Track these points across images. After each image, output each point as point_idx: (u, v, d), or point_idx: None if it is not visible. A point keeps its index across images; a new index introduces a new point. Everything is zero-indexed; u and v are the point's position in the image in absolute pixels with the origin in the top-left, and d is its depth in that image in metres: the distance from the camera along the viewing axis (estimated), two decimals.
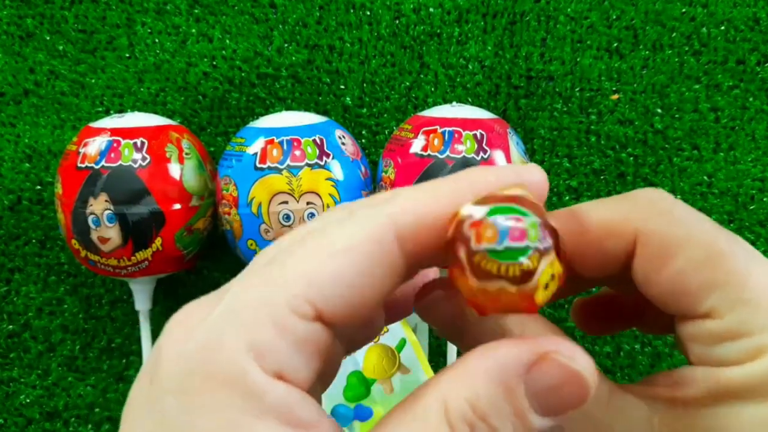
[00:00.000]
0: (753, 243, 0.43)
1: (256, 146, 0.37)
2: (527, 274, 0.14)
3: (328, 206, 0.37)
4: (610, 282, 0.20)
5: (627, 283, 0.18)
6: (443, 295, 0.18)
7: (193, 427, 0.13)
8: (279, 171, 0.36)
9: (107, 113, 0.46)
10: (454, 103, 0.42)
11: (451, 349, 0.43)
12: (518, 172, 0.16)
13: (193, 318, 0.15)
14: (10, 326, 0.45)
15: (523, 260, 0.14)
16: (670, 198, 0.19)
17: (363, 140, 0.45)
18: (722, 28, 0.44)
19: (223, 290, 0.15)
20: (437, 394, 0.14)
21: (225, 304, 0.14)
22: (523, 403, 0.14)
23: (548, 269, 0.14)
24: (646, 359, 0.45)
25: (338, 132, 0.39)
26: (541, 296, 0.14)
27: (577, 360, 0.15)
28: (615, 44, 0.45)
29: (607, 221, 0.17)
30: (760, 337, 0.15)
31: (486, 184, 0.16)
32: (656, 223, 0.17)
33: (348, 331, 0.16)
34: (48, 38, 0.47)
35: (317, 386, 0.17)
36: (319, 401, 0.18)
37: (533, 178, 0.16)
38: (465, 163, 0.36)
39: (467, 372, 0.15)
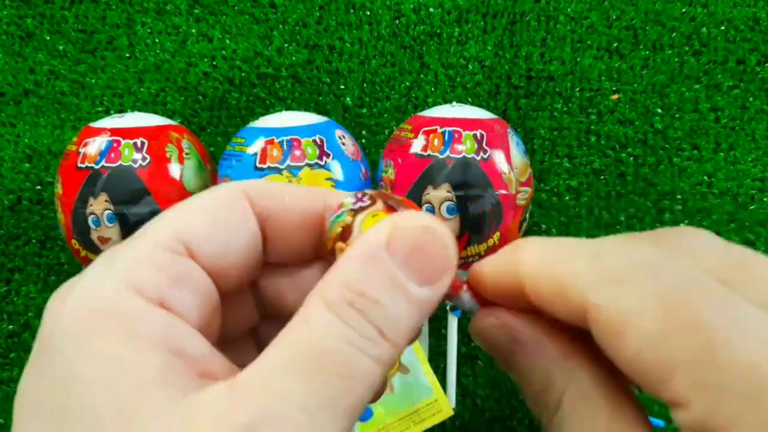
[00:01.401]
0: (753, 243, 0.43)
1: (256, 146, 0.37)
2: (346, 230, 0.17)
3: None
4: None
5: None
6: (497, 324, 0.18)
7: (86, 357, 0.14)
8: (279, 171, 0.36)
9: (107, 113, 0.46)
10: (454, 103, 0.42)
11: (451, 350, 0.43)
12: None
13: (69, 283, 0.16)
14: (10, 326, 0.45)
15: (339, 220, 0.18)
16: (622, 245, 0.16)
17: (363, 140, 0.45)
18: (722, 28, 0.44)
19: (99, 258, 0.17)
20: (314, 296, 0.15)
21: (100, 259, 0.16)
22: (393, 269, 0.15)
23: (369, 220, 0.17)
24: None
25: (338, 132, 0.39)
26: None
27: (430, 220, 0.16)
28: (615, 44, 0.45)
29: (547, 285, 0.16)
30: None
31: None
32: (604, 293, 0.14)
33: (228, 285, 0.18)
34: (48, 38, 0.47)
35: (211, 334, 0.17)
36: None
37: None
38: (465, 163, 0.36)
39: (337, 266, 0.16)
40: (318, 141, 0.38)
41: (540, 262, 0.16)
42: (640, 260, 0.15)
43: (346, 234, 0.17)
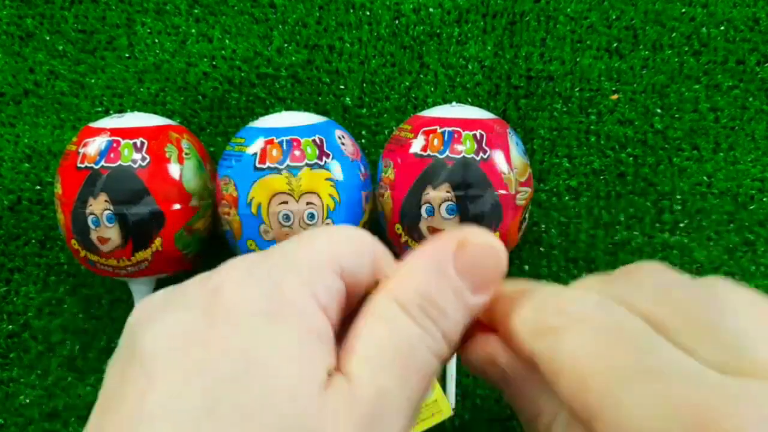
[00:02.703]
0: (753, 243, 0.43)
1: (255, 146, 0.37)
2: None
3: (327, 206, 0.37)
4: None
5: None
6: (486, 358, 0.20)
7: (269, 340, 0.16)
8: (279, 171, 0.36)
9: (107, 113, 0.46)
10: (453, 103, 0.42)
11: None
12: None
13: (249, 263, 0.18)
14: (10, 326, 0.45)
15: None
16: (566, 293, 0.18)
17: (363, 140, 0.45)
18: (722, 28, 0.44)
19: (266, 254, 0.19)
20: (387, 297, 0.18)
21: (280, 259, 0.18)
22: (457, 283, 0.18)
23: None
24: None
25: (338, 132, 0.39)
26: None
27: (487, 237, 0.19)
28: (615, 44, 0.45)
29: (506, 334, 0.19)
30: None
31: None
32: (538, 345, 0.17)
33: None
34: (48, 38, 0.47)
35: None
36: None
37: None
38: (465, 163, 0.36)
39: (409, 272, 0.18)
40: (318, 141, 0.37)
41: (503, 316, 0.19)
42: (572, 309, 0.17)
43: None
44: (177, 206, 0.38)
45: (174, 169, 0.38)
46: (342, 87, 0.46)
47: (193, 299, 0.17)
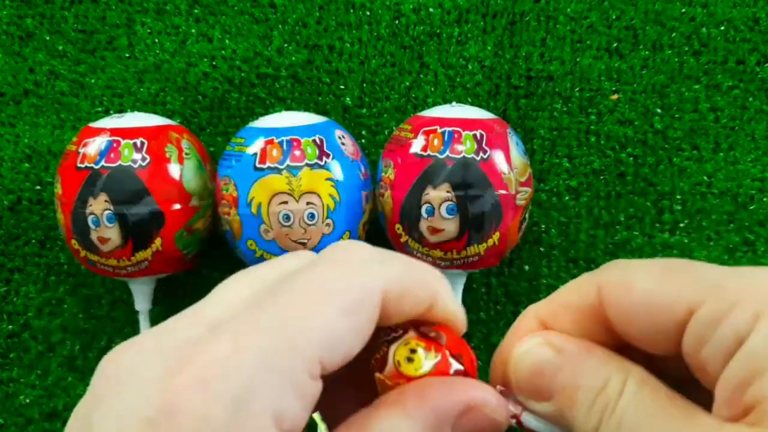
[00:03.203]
0: (753, 243, 0.43)
1: (255, 146, 0.37)
2: (381, 360, 0.18)
3: (327, 206, 0.37)
4: (661, 355, 0.19)
5: (676, 360, 0.18)
6: (540, 342, 0.19)
7: None
8: (279, 171, 0.36)
9: (107, 113, 0.46)
10: (453, 103, 0.42)
11: None
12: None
13: (212, 368, 0.14)
14: (10, 326, 0.45)
15: (377, 355, 0.18)
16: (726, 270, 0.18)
17: (363, 140, 0.45)
18: (722, 28, 0.44)
19: (232, 333, 0.15)
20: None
21: (249, 366, 0.14)
22: None
23: (401, 350, 0.18)
24: None
25: (338, 132, 0.39)
26: (406, 369, 0.18)
27: (499, 412, 0.17)
28: (615, 44, 0.45)
29: (656, 297, 0.17)
30: (744, 305, 0.15)
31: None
32: (609, 270, 0.17)
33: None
34: (48, 38, 0.47)
35: None
36: None
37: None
38: (465, 163, 0.36)
39: (407, 415, 0.16)
40: (318, 141, 0.37)
41: (550, 298, 0.19)
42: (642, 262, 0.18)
43: (380, 364, 0.18)
44: (177, 206, 0.38)
45: (174, 169, 0.38)
46: (342, 87, 0.46)
47: (153, 400, 0.14)
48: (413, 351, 0.18)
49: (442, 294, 0.18)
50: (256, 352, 0.15)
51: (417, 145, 0.38)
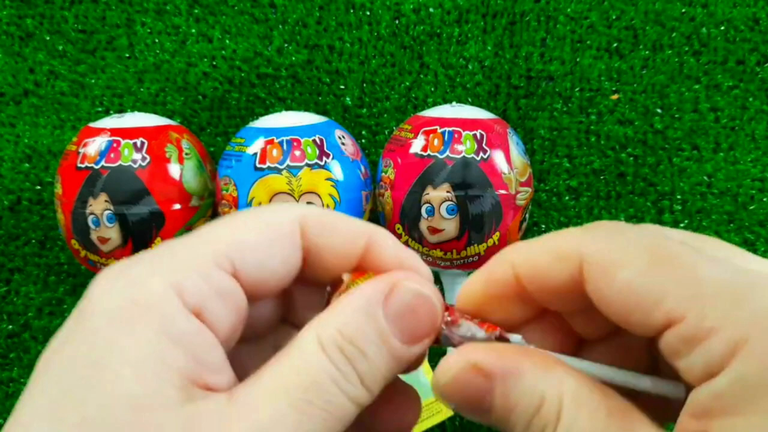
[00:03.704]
0: (753, 243, 0.43)
1: (255, 146, 0.37)
2: (338, 283, 0.19)
3: (327, 206, 0.37)
4: (578, 316, 0.19)
5: (594, 317, 0.18)
6: (466, 367, 0.19)
7: (116, 343, 0.15)
8: (279, 171, 0.36)
9: (107, 113, 0.46)
10: (453, 103, 0.42)
11: (451, 350, 0.43)
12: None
13: (121, 266, 0.17)
14: (10, 326, 0.45)
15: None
16: (621, 223, 0.18)
17: (363, 140, 0.45)
18: (722, 28, 0.44)
19: (148, 252, 0.17)
20: (310, 331, 0.17)
21: (154, 253, 0.17)
22: (384, 327, 0.17)
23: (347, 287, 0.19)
24: None
25: (338, 132, 0.39)
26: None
27: (425, 286, 0.18)
28: (615, 44, 0.45)
29: (637, 296, 0.16)
30: (723, 334, 0.14)
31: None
32: (597, 243, 0.17)
33: (257, 298, 0.19)
34: (48, 38, 0.47)
35: (232, 341, 0.19)
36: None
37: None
38: (465, 163, 0.36)
39: (336, 308, 0.17)
40: (318, 141, 0.37)
41: (531, 249, 0.18)
42: (621, 226, 0.18)
43: (336, 286, 0.19)
44: (177, 206, 0.38)
45: (174, 169, 0.38)
46: (342, 87, 0.46)
47: (74, 310, 0.17)
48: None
49: (378, 237, 0.19)
50: (169, 245, 0.17)
51: (417, 145, 0.38)
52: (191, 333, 0.16)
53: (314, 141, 0.37)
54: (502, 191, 0.37)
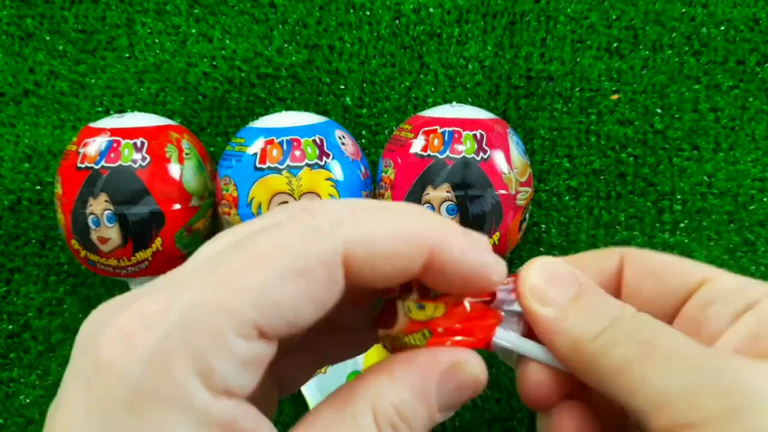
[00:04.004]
0: (753, 243, 0.43)
1: (255, 146, 0.37)
2: (388, 316, 0.19)
3: None
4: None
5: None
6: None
7: None
8: (279, 171, 0.36)
9: (107, 113, 0.46)
10: (454, 103, 0.42)
11: None
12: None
13: (139, 332, 0.14)
14: (10, 326, 0.45)
15: (380, 314, 0.19)
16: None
17: (363, 140, 0.45)
18: (722, 28, 0.44)
19: (167, 289, 0.15)
20: (366, 399, 0.17)
21: (172, 322, 0.14)
22: (433, 404, 0.17)
23: (409, 303, 0.19)
24: None
25: (338, 132, 0.39)
26: (417, 315, 0.19)
27: (479, 369, 0.18)
28: (615, 44, 0.45)
29: (673, 264, 0.20)
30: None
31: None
32: (725, 281, 0.19)
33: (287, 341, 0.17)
34: (48, 38, 0.47)
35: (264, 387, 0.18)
36: (268, 398, 0.20)
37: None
38: (465, 163, 0.36)
39: (393, 379, 0.17)
40: (318, 141, 0.37)
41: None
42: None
43: (386, 319, 0.18)
44: (177, 206, 0.38)
45: (174, 169, 0.38)
46: (342, 87, 0.46)
47: (79, 364, 0.15)
48: (421, 306, 0.18)
49: (445, 244, 0.17)
50: (182, 307, 0.14)
51: (417, 145, 0.38)
52: (223, 416, 0.14)
53: (314, 141, 0.37)
54: (502, 191, 0.37)
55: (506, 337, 0.19)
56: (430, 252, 0.16)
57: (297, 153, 0.37)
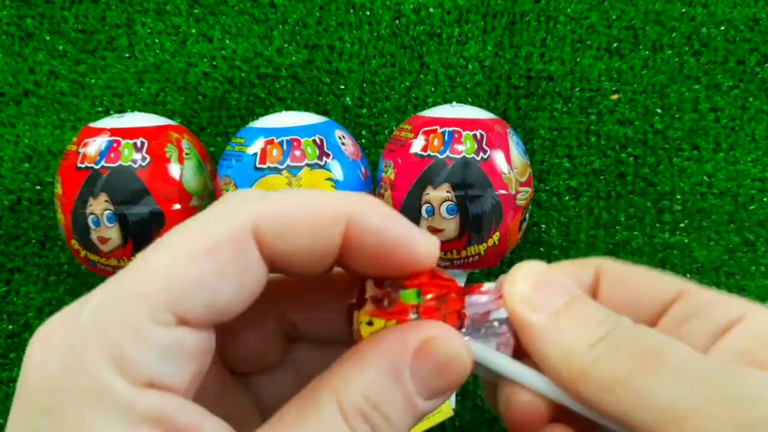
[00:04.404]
0: (753, 243, 0.43)
1: (255, 146, 0.37)
2: (349, 321, 0.17)
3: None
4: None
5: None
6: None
7: None
8: (279, 171, 0.36)
9: (107, 113, 0.46)
10: (453, 103, 0.42)
11: None
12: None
13: (55, 333, 0.14)
14: (10, 326, 0.45)
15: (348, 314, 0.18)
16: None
17: (363, 140, 0.45)
18: (722, 28, 0.44)
19: (86, 299, 0.15)
20: (330, 391, 0.15)
21: (85, 318, 0.14)
22: (410, 388, 0.15)
23: (362, 316, 0.17)
24: None
25: (338, 132, 0.39)
26: (365, 332, 0.17)
27: (456, 344, 0.16)
28: (615, 44, 0.45)
29: (650, 277, 0.19)
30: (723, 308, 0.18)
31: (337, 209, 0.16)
32: (705, 295, 0.18)
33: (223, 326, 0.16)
34: (48, 38, 0.47)
35: (208, 383, 0.17)
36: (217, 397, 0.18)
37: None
38: (465, 163, 0.36)
39: (359, 364, 0.15)
40: (318, 141, 0.38)
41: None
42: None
43: (348, 323, 0.17)
44: (177, 206, 0.38)
45: (174, 169, 0.38)
46: (342, 87, 0.46)
47: (18, 381, 0.15)
48: (370, 323, 0.17)
49: (362, 213, 0.16)
50: (95, 302, 0.14)
51: (417, 145, 0.38)
52: (149, 410, 0.14)
53: (314, 141, 0.37)
54: (502, 191, 0.37)
55: (491, 358, 0.18)
56: (347, 223, 0.16)
57: (297, 153, 0.37)
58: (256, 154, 0.37)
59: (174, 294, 0.14)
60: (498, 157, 0.37)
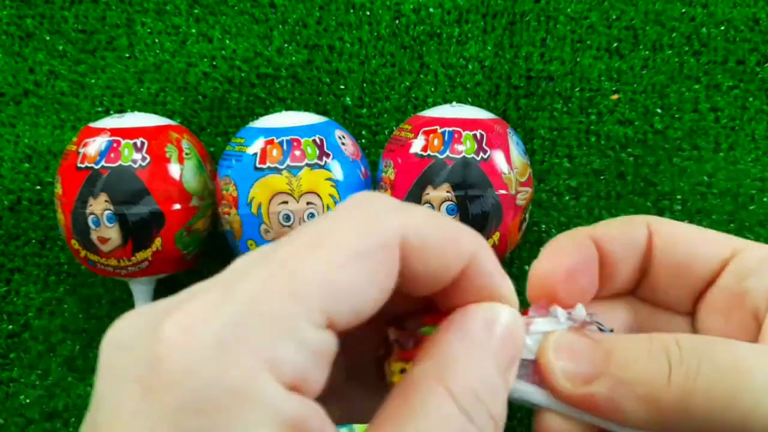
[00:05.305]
0: None
1: (255, 146, 0.37)
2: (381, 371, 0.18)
3: (327, 207, 0.37)
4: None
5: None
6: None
7: None
8: (279, 171, 0.36)
9: (107, 113, 0.46)
10: (454, 103, 0.42)
11: None
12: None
13: (196, 316, 0.13)
14: (10, 326, 0.45)
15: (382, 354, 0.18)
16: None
17: (363, 140, 0.45)
18: (722, 28, 0.44)
19: (222, 284, 0.14)
20: (435, 385, 0.15)
21: (236, 311, 0.13)
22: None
23: (395, 364, 0.17)
24: None
25: (338, 132, 0.39)
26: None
27: (515, 314, 0.17)
28: (615, 44, 0.45)
29: (704, 234, 0.20)
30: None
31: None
32: (760, 250, 0.19)
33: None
34: (48, 38, 0.47)
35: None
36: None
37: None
38: (465, 163, 0.36)
39: (458, 358, 0.15)
40: (318, 141, 0.38)
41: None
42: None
43: (381, 373, 0.17)
44: (177, 206, 0.38)
45: (174, 169, 0.38)
46: (342, 87, 0.46)
47: (131, 367, 0.13)
48: (402, 371, 0.17)
49: (480, 258, 0.16)
50: (245, 296, 0.13)
51: (417, 145, 0.38)
52: (292, 414, 0.13)
53: (314, 141, 0.37)
54: (502, 191, 0.37)
55: (536, 397, 0.17)
56: (470, 258, 0.16)
57: (297, 153, 0.37)
58: (256, 154, 0.37)
59: (329, 296, 0.13)
60: (498, 157, 0.37)
